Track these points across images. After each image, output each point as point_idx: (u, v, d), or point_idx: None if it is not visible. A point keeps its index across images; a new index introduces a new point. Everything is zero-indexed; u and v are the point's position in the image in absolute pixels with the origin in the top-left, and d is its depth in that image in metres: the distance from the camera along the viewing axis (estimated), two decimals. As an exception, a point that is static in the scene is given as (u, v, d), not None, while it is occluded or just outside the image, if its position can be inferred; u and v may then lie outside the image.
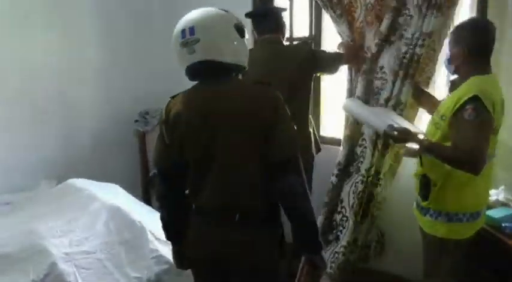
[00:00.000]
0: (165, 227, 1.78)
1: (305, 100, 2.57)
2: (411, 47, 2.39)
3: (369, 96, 2.59)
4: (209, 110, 1.55)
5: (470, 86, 1.80)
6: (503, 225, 2.06)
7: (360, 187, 2.60)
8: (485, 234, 2.04)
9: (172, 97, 1.65)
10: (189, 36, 1.50)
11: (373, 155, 2.56)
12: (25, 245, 2.13)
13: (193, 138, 1.58)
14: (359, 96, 2.58)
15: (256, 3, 3.23)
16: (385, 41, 2.51)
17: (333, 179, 2.74)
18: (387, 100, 2.48)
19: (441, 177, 1.89)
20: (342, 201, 2.71)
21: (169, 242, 1.94)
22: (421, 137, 1.99)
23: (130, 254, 2.27)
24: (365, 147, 2.61)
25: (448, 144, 1.82)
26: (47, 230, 2.25)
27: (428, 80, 2.46)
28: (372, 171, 2.57)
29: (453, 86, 2.10)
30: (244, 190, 1.59)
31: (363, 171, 2.60)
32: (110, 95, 3.49)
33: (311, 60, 2.51)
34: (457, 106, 1.77)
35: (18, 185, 3.04)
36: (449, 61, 1.96)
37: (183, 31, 1.51)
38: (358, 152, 2.65)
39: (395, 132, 1.99)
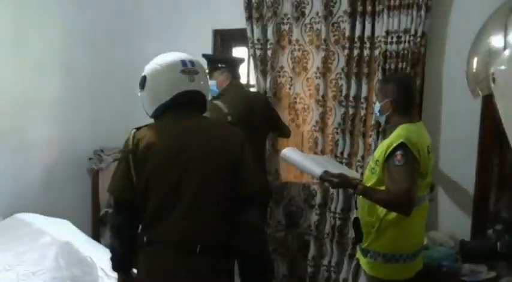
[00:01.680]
0: (116, 258, 1.74)
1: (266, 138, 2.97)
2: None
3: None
4: (184, 143, 1.62)
5: (399, 134, 1.99)
6: (442, 263, 2.21)
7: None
8: (425, 274, 2.16)
9: (137, 128, 1.70)
10: (191, 67, 1.66)
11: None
12: (-32, 278, 2.04)
13: (165, 171, 1.61)
14: None
15: (217, 50, 3.41)
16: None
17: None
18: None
19: (377, 219, 2.02)
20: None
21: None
22: (356, 182, 2.11)
23: (79, 290, 2.21)
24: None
25: (383, 187, 1.97)
26: (-7, 264, 2.16)
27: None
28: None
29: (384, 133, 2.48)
30: (210, 224, 1.64)
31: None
32: (65, 131, 3.43)
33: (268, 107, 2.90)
34: (388, 152, 1.94)
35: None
36: (380, 112, 2.15)
37: (183, 61, 1.66)
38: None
39: (331, 178, 2.09)
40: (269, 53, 3.05)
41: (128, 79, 3.61)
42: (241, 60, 2.96)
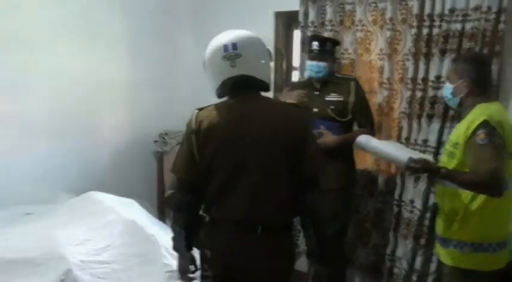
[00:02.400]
0: (177, 237, 1.79)
1: None
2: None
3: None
4: (245, 124, 1.63)
5: (478, 113, 1.87)
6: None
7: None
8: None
9: (200, 109, 1.73)
10: (232, 51, 1.61)
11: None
12: (44, 251, 2.17)
13: (227, 151, 1.64)
14: None
15: (278, 33, 3.37)
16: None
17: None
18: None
19: (461, 207, 1.92)
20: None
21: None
22: (437, 166, 1.99)
23: (144, 267, 2.30)
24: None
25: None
26: (66, 238, 2.30)
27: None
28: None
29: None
30: (271, 205, 1.66)
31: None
32: (132, 114, 3.58)
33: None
34: (469, 133, 1.82)
35: (39, 196, 3.11)
36: (453, 94, 2.01)
37: (225, 46, 1.62)
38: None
39: (416, 164, 1.97)
40: (328, 35, 2.93)
41: (193, 62, 3.70)
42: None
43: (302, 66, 3.11)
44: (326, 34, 2.93)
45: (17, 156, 3.10)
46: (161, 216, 3.53)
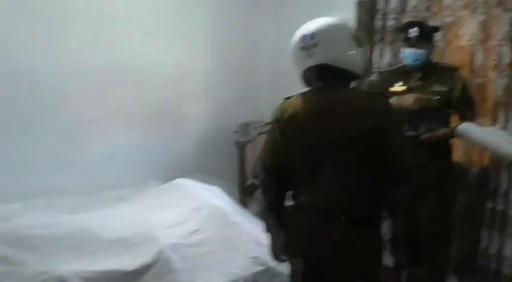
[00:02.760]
0: (266, 220, 1.84)
1: None
2: None
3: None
4: (326, 114, 1.61)
5: None
6: None
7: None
8: None
9: (286, 98, 1.75)
10: (309, 41, 1.59)
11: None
12: (138, 232, 2.33)
13: (308, 141, 1.64)
14: None
15: (361, 21, 3.30)
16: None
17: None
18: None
19: None
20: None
21: (265, 243, 2.02)
22: None
23: (230, 252, 2.39)
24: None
25: None
26: (157, 221, 2.44)
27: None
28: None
29: None
30: (353, 195, 1.62)
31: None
32: (214, 104, 3.71)
33: None
34: None
35: (129, 183, 3.32)
36: None
37: (304, 36, 1.61)
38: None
39: None
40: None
41: (273, 53, 3.74)
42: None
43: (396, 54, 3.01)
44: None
45: (110, 144, 3.33)
46: (242, 204, 3.62)
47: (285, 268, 2.32)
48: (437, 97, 2.43)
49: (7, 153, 2.97)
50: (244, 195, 3.71)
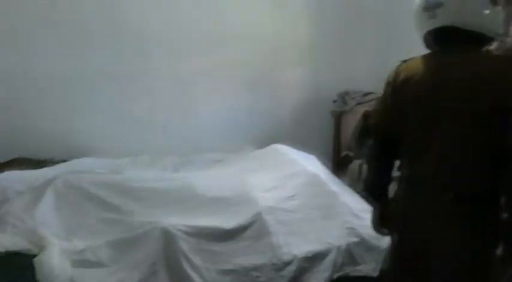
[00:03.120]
0: (369, 189, 1.79)
1: None
2: None
3: None
4: (441, 79, 1.47)
5: None
6: None
7: None
8: None
9: (404, 61, 1.64)
10: (432, 0, 1.45)
11: None
12: (237, 192, 2.39)
13: (419, 108, 1.52)
14: None
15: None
16: None
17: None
18: None
19: None
20: None
21: (361, 214, 2.14)
22: None
23: (325, 220, 2.36)
24: None
25: None
26: (256, 184, 2.48)
27: None
28: None
29: None
30: (465, 169, 1.47)
31: None
32: (313, 73, 3.65)
33: None
34: None
35: (226, 147, 3.41)
36: None
37: None
38: None
39: None
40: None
41: (375, 21, 3.56)
42: None
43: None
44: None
45: (207, 108, 3.43)
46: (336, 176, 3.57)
47: (382, 242, 2.26)
48: None
49: (113, 113, 3.18)
50: (337, 167, 3.65)
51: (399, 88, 1.58)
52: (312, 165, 2.74)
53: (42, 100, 2.99)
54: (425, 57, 1.58)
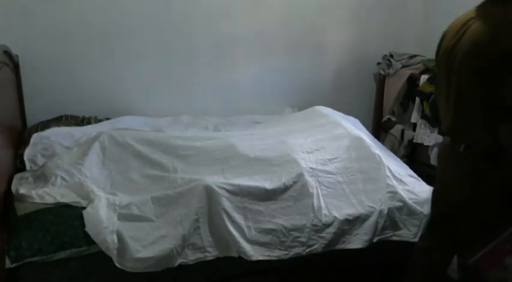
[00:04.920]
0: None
1: None
2: None
3: None
4: (461, 33, 1.49)
5: None
6: None
7: None
8: None
9: None
10: None
11: None
12: (279, 153, 2.37)
13: (442, 63, 1.59)
14: None
15: None
16: None
17: None
18: None
19: None
20: None
21: (404, 179, 2.33)
22: None
23: (367, 184, 2.33)
24: None
25: None
26: (297, 145, 2.45)
27: None
28: None
29: None
30: (471, 125, 1.51)
31: None
32: (358, 33, 3.53)
33: None
34: None
35: (267, 108, 3.38)
36: None
37: None
38: None
39: None
40: None
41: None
42: None
43: None
44: None
45: (247, 69, 3.39)
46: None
47: (424, 208, 2.23)
48: None
49: (158, 74, 3.20)
50: (377, 131, 3.58)
51: (438, 44, 1.64)
52: (355, 128, 2.68)
53: (86, 59, 3.02)
54: (471, 9, 1.54)
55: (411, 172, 2.50)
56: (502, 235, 1.48)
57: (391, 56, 3.43)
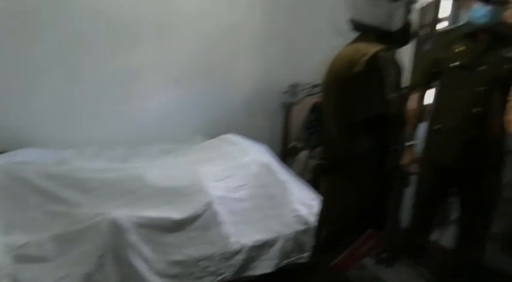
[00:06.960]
0: None
1: None
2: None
3: None
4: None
5: None
6: None
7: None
8: None
9: None
10: None
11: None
12: (188, 182, 2.37)
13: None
14: None
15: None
16: None
17: None
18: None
19: None
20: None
21: (309, 202, 2.41)
22: None
23: (274, 209, 2.41)
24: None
25: None
26: (207, 173, 2.47)
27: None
28: None
29: None
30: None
31: None
32: (264, 65, 3.65)
33: None
34: None
35: (176, 137, 3.37)
36: None
37: None
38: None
39: None
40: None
41: (331, 13, 3.61)
42: None
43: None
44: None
45: (157, 98, 3.37)
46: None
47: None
48: (507, 66, 2.12)
49: (60, 102, 3.06)
50: (284, 157, 3.71)
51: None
52: (263, 155, 2.77)
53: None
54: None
55: (316, 196, 2.62)
56: (360, 237, 1.63)
57: (296, 85, 3.60)
